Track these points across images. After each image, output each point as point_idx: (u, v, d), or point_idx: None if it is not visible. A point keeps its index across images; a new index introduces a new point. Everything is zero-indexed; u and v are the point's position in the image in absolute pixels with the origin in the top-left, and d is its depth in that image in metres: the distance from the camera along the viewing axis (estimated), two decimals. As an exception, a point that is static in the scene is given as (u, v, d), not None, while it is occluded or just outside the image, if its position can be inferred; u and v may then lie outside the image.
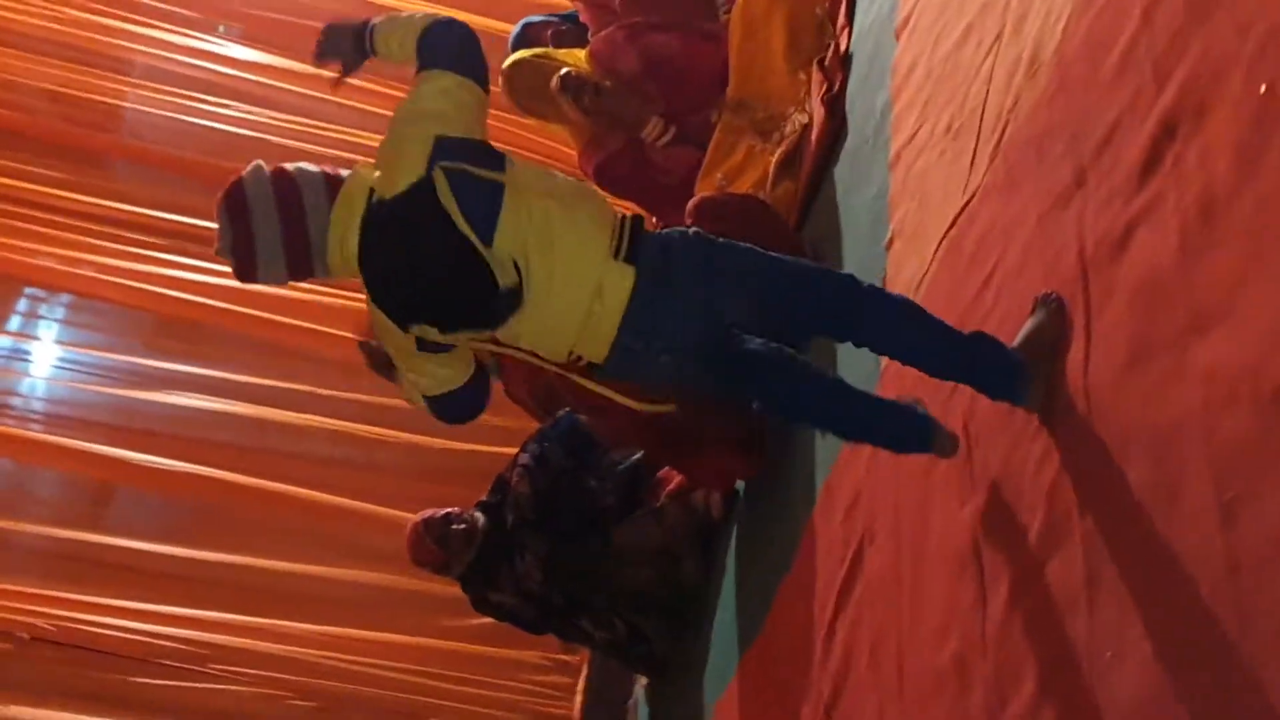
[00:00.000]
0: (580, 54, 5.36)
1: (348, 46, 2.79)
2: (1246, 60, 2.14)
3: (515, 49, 5.58)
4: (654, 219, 5.39)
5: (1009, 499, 2.49)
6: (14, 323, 6.58)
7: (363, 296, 2.76)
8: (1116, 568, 2.09)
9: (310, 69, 7.11)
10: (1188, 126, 2.26)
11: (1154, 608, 1.99)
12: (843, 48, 4.59)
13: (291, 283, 2.82)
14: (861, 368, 3.25)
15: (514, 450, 5.12)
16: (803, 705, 3.29)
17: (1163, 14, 2.45)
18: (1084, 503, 2.24)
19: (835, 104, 4.49)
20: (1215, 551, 1.87)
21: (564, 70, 5.14)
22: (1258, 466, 1.84)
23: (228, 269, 2.78)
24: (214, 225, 2.76)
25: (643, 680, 5.19)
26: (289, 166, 2.72)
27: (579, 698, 5.50)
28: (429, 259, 2.64)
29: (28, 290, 6.57)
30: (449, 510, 5.12)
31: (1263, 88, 2.07)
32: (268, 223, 2.66)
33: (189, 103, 6.89)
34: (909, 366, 2.74)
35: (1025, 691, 2.26)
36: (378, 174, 2.67)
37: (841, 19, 4.66)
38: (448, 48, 2.69)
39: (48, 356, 6.51)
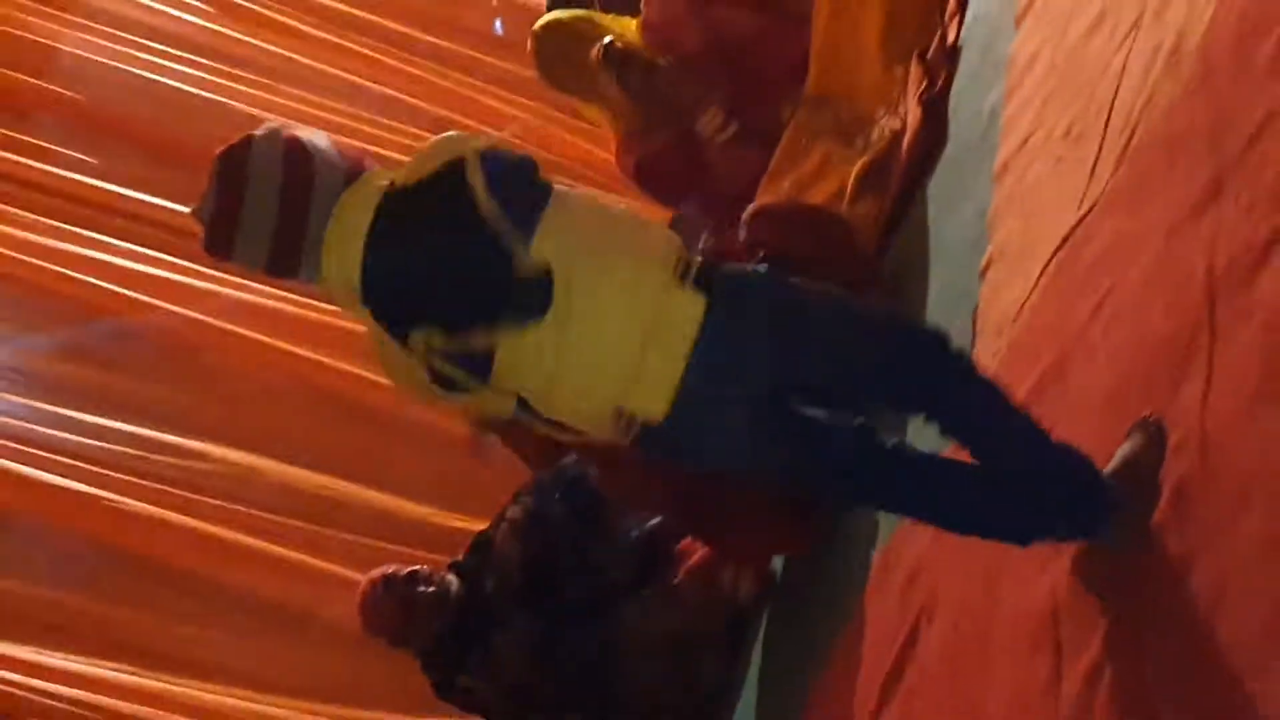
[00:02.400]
0: (631, 23, 5.50)
1: None
2: None
3: (552, 7, 5.75)
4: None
5: (1100, 558, 2.59)
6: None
7: None
8: (1222, 635, 2.19)
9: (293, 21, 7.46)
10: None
11: (1255, 680, 2.08)
12: (951, 38, 4.71)
13: (265, 275, 2.96)
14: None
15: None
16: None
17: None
18: (1190, 556, 2.34)
19: (936, 107, 4.62)
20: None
21: (608, 39, 5.27)
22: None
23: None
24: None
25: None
26: (307, 141, 2.83)
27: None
28: (442, 244, 2.75)
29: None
30: (414, 569, 5.21)
31: None
32: (263, 205, 2.78)
33: (140, 54, 7.10)
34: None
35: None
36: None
37: (953, 2, 4.79)
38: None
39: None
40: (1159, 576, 2.41)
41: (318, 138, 2.85)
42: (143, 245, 6.47)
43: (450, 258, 2.73)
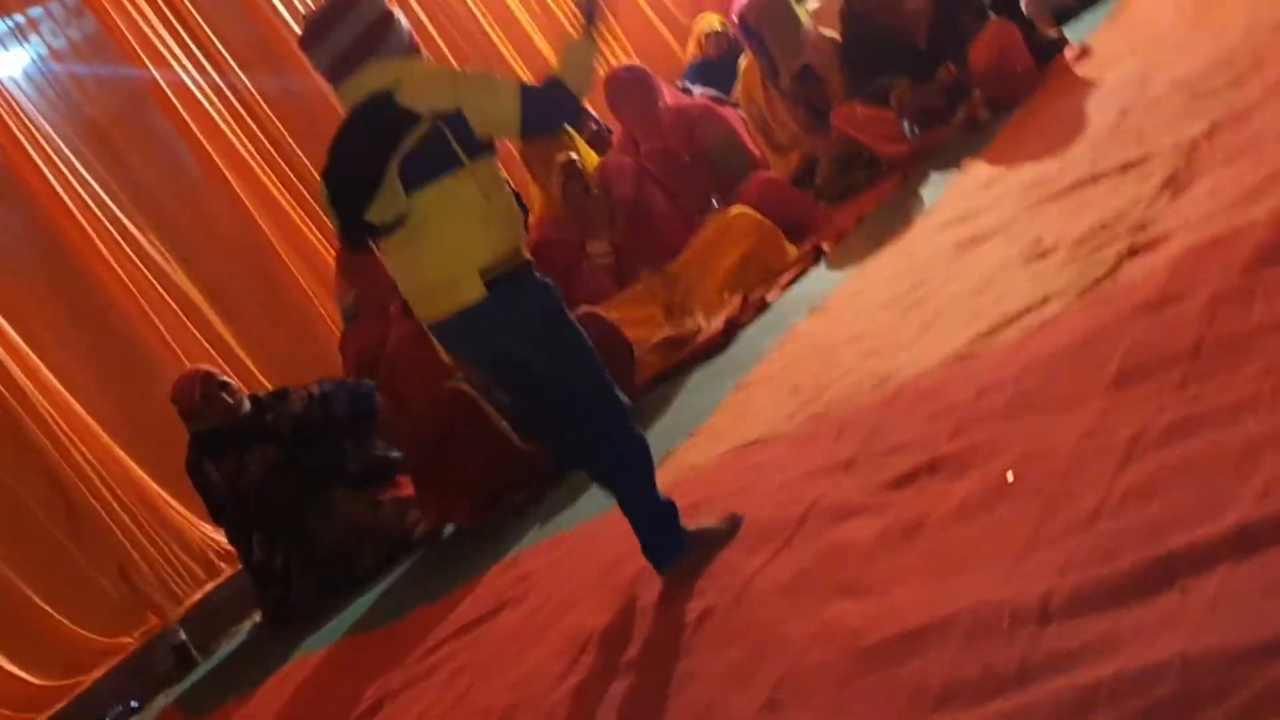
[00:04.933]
0: (594, 156, 5.59)
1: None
2: (1016, 456, 2.42)
3: None
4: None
5: (639, 620, 2.69)
6: None
7: None
8: (680, 699, 2.30)
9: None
10: (948, 471, 2.54)
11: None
12: (768, 299, 4.86)
13: (316, 72, 2.95)
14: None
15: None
16: (368, 687, 3.40)
17: (987, 398, 2.74)
18: (689, 646, 2.46)
19: (732, 330, 4.74)
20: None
21: (573, 156, 5.35)
22: (812, 692, 2.08)
23: None
24: None
25: (258, 616, 5.15)
26: (397, 15, 2.88)
27: (199, 595, 5.41)
28: (360, 157, 2.80)
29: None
30: (228, 380, 5.15)
31: (1009, 475, 2.36)
32: (346, 34, 2.82)
33: None
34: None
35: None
36: (404, 76, 2.80)
37: (785, 279, 4.95)
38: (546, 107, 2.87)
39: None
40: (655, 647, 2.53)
41: (403, 19, 2.88)
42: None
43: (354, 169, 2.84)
